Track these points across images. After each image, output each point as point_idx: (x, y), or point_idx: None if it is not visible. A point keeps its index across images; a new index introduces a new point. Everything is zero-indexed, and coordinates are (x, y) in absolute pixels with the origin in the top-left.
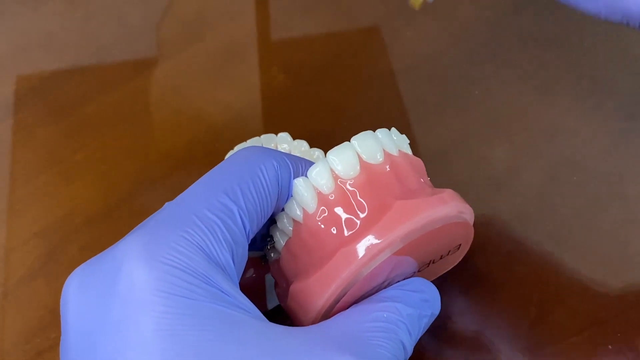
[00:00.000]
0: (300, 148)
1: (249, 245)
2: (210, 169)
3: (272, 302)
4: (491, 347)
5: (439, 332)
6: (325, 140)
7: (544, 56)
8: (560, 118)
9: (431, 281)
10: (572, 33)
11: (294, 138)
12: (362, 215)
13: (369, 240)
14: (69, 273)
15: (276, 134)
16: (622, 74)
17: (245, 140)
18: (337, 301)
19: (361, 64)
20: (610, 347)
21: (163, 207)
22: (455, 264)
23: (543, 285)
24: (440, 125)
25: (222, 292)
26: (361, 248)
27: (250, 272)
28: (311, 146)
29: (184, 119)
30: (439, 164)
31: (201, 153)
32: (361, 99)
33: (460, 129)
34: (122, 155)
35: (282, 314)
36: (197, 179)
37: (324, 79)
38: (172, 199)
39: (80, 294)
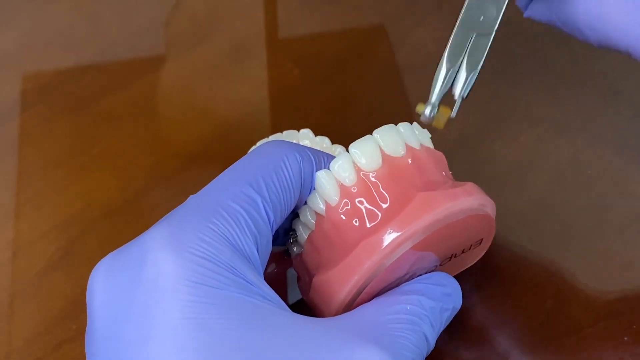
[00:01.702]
0: (322, 144)
1: (273, 240)
2: (225, 163)
3: (293, 297)
4: (507, 339)
5: (454, 325)
6: (335, 136)
7: (550, 56)
8: (566, 116)
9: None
10: None
11: None
12: (384, 207)
13: (391, 231)
14: (89, 265)
15: (290, 128)
16: (628, 72)
17: (260, 135)
18: (359, 293)
19: (369, 61)
20: (625, 338)
21: (188, 199)
22: (477, 259)
23: (557, 278)
24: (445, 124)
25: (247, 281)
26: (383, 239)
27: (272, 266)
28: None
29: (197, 114)
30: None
31: (215, 148)
32: (369, 96)
33: (467, 128)
34: (138, 149)
35: (304, 309)
36: (212, 173)
37: (334, 74)
38: (187, 193)
39: (107, 282)
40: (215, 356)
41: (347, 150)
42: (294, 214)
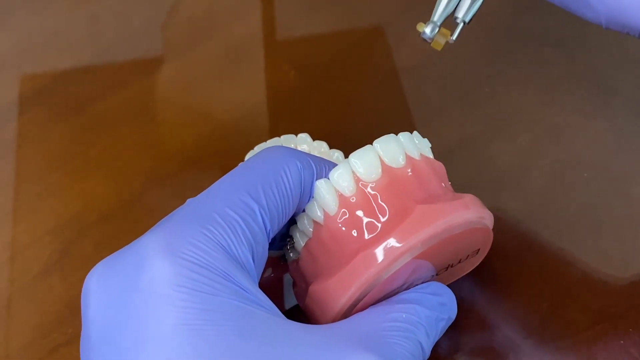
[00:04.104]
0: (319, 149)
1: (269, 245)
2: (222, 166)
3: (289, 302)
4: (503, 342)
5: (451, 329)
6: (332, 138)
7: (548, 56)
8: (564, 118)
9: (446, 284)
10: (575, 33)
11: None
12: (383, 219)
13: (390, 244)
14: (84, 269)
15: (287, 131)
16: (626, 72)
17: (257, 137)
18: (356, 304)
19: (367, 63)
20: (622, 342)
21: (185, 204)
22: (472, 268)
23: (554, 281)
24: (444, 125)
25: (242, 288)
26: (381, 252)
27: (269, 271)
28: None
29: (194, 116)
30: (443, 165)
31: (212, 150)
32: (367, 99)
33: (465, 130)
34: (134, 152)
35: (299, 314)
36: (209, 176)
37: (331, 77)
38: (184, 196)
39: (102, 288)
40: None
41: (346, 158)
42: (292, 220)
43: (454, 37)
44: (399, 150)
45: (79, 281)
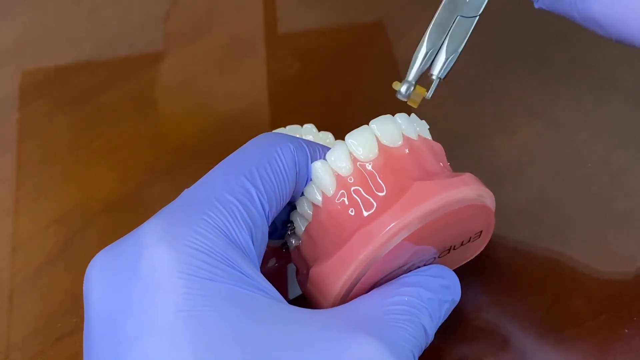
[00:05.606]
0: (325, 140)
1: (271, 233)
2: (224, 157)
3: (294, 292)
4: (507, 333)
5: (453, 318)
6: (334, 131)
7: (548, 51)
8: (564, 113)
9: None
10: (577, 27)
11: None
12: (380, 197)
13: (387, 220)
14: (88, 259)
15: (289, 123)
16: (627, 67)
17: (259, 129)
18: (355, 283)
19: (369, 56)
20: (626, 331)
21: (182, 193)
22: (477, 253)
23: (557, 271)
24: (444, 119)
25: (242, 273)
26: (379, 228)
27: (272, 261)
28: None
29: (196, 109)
30: None
31: (215, 142)
32: (369, 91)
33: (465, 123)
34: (137, 144)
35: (303, 305)
36: (211, 167)
37: (334, 69)
38: (187, 187)
39: (103, 276)
40: (209, 349)
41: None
42: (292, 206)
43: (430, 94)
44: (396, 130)
45: (83, 272)
